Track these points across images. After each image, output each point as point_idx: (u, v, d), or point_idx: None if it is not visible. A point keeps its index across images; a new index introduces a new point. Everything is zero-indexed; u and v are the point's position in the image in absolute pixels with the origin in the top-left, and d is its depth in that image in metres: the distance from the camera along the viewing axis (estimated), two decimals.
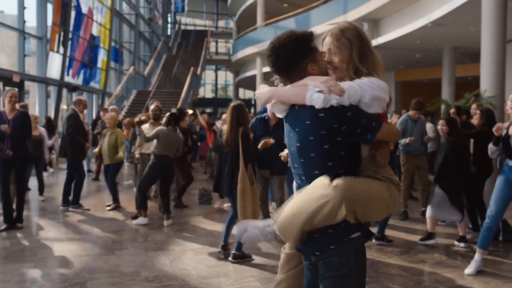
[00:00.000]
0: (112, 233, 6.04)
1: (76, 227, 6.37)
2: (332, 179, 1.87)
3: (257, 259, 4.83)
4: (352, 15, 16.29)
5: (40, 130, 8.42)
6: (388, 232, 5.76)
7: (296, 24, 20.73)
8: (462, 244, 5.34)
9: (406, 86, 23.57)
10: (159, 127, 6.47)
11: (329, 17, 17.78)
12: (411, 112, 6.80)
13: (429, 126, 8.00)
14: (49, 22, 15.21)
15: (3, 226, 6.03)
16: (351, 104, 1.85)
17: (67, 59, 16.26)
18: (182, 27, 40.57)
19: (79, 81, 17.87)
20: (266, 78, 24.28)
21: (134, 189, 8.44)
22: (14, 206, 6.26)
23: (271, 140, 4.80)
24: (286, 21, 21.87)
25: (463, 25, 13.03)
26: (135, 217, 6.67)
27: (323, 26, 18.35)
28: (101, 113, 10.78)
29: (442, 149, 5.50)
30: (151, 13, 29.96)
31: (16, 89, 11.77)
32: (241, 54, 26.59)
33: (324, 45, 2.05)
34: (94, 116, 16.00)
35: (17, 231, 5.99)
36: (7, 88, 9.86)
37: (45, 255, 5.07)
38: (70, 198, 7.56)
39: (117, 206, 7.62)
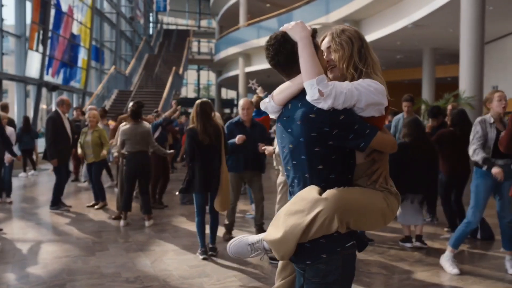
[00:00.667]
0: (93, 234, 5.97)
1: (56, 228, 6.28)
2: (323, 185, 1.84)
3: (238, 260, 4.81)
4: (334, 16, 16.42)
5: (7, 130, 8.04)
6: (370, 231, 5.83)
7: (278, 25, 20.77)
8: (408, 244, 5.33)
9: (387, 86, 23.78)
10: (121, 129, 6.46)
11: (312, 17, 17.88)
12: (404, 108, 6.67)
13: None
14: (28, 20, 14.98)
15: None
16: (345, 107, 1.79)
17: (47, 58, 16.03)
18: (164, 26, 40.30)
19: (59, 80, 17.64)
20: (249, 78, 24.28)
21: (116, 189, 8.36)
22: None
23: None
24: (269, 21, 21.93)
25: (442, 27, 13.24)
26: (116, 218, 6.63)
27: None
28: (74, 113, 10.59)
29: None
30: (132, 12, 29.71)
31: None
32: (223, 54, 26.58)
33: (323, 45, 2.01)
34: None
35: None
36: None
37: (23, 257, 4.98)
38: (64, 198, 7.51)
39: (104, 205, 7.56)
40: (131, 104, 7.19)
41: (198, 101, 4.97)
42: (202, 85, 45.63)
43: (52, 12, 16.28)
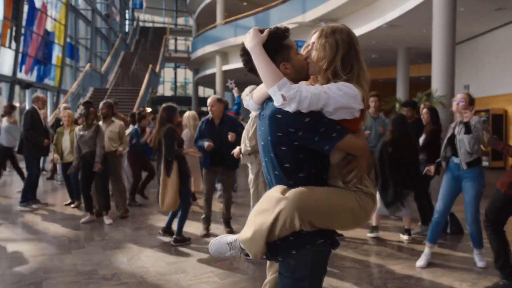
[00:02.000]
0: (68, 232, 5.95)
1: (31, 227, 6.23)
2: (291, 184, 1.87)
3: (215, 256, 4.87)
4: (310, 15, 16.57)
5: None
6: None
7: (255, 23, 20.83)
8: (406, 237, 5.59)
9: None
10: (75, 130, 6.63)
11: (288, 16, 18.00)
12: (370, 103, 6.77)
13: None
14: (0, 16, 14.70)
15: None
16: (311, 110, 1.79)
17: (20, 55, 15.76)
18: (141, 24, 39.96)
19: (32, 77, 17.36)
20: (226, 76, 24.30)
21: None
22: None
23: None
24: (246, 20, 21.96)
25: (416, 27, 13.49)
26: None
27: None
28: (57, 111, 10.54)
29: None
30: (108, 9, 29.37)
31: None
32: (200, 52, 26.49)
33: (312, 39, 1.98)
34: (49, 114, 15.60)
35: None
36: None
37: None
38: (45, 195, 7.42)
39: (80, 204, 7.52)
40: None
41: (162, 105, 5.46)
42: (179, 83, 45.39)
43: (25, 8, 16.01)
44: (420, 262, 4.61)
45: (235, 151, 5.14)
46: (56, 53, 19.89)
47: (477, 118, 4.52)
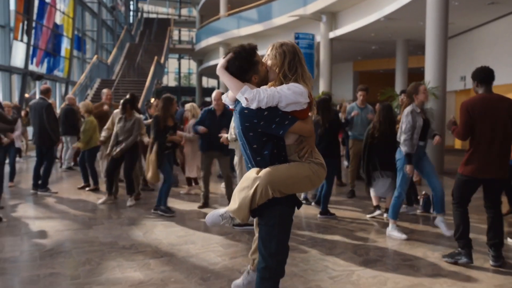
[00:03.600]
0: (88, 211, 6.59)
1: (53, 207, 6.87)
2: (259, 159, 2.55)
3: (220, 230, 5.50)
4: (311, 8, 17.01)
5: None
6: (337, 208, 6.65)
7: (258, 15, 21.28)
8: (377, 212, 6.29)
9: (364, 76, 24.64)
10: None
11: (290, 9, 18.45)
12: (358, 96, 7.63)
13: None
14: (12, 9, 15.27)
15: None
16: (269, 106, 2.44)
17: (31, 48, 16.35)
18: (145, 15, 40.42)
19: (43, 69, 17.98)
20: None
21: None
22: None
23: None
24: (249, 12, 22.36)
25: (412, 20, 13.97)
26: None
27: (284, 17, 19.02)
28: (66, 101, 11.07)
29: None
30: (113, 1, 29.86)
31: None
32: (204, 43, 26.96)
33: (267, 52, 2.65)
34: (58, 105, 16.18)
35: None
36: None
37: (28, 230, 5.59)
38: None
39: (96, 188, 8.15)
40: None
41: (163, 96, 6.45)
42: (183, 73, 45.91)
43: (36, 2, 16.57)
44: (403, 235, 5.22)
45: (223, 138, 5.88)
46: (65, 45, 20.49)
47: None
